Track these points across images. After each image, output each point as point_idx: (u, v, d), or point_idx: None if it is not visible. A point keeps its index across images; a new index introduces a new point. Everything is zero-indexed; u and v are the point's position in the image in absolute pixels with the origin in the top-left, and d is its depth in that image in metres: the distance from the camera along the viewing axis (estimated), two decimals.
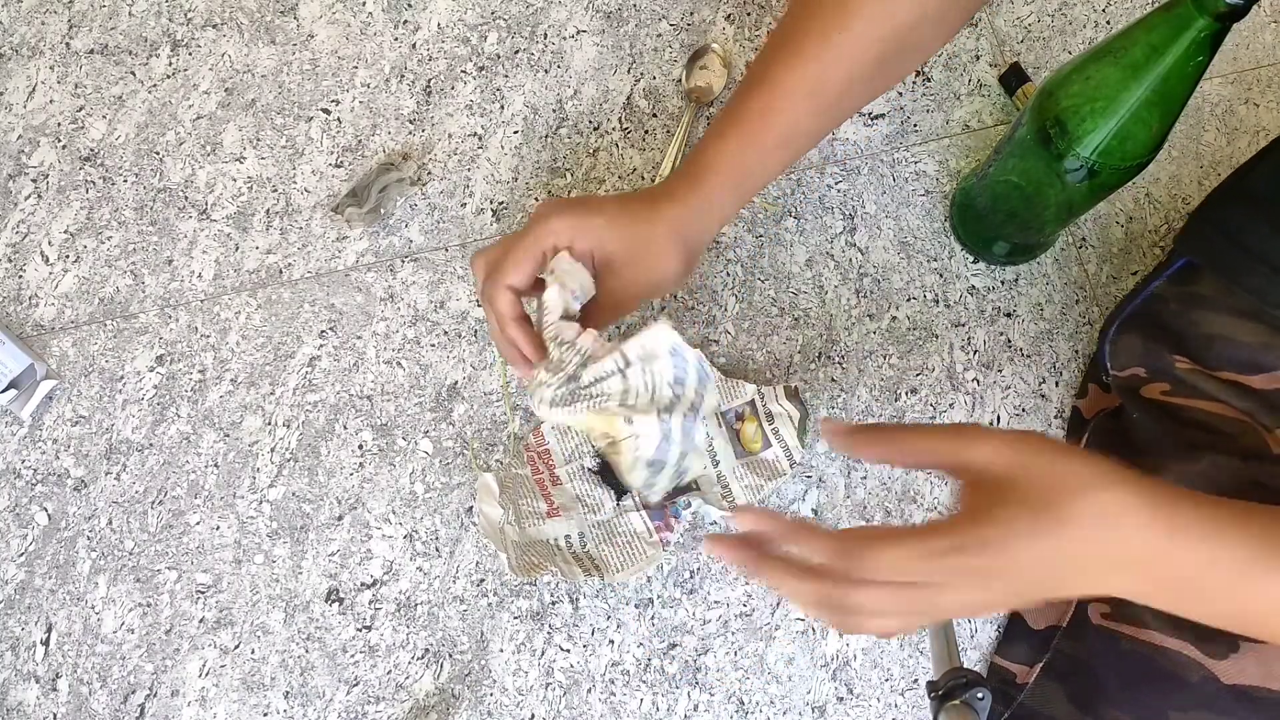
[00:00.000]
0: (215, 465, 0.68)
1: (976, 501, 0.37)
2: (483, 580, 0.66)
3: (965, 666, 0.52)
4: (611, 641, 0.65)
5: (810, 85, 0.51)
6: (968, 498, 0.38)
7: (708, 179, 0.52)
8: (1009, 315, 0.69)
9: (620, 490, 0.65)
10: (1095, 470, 0.36)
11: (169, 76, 0.75)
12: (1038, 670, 0.59)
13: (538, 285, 0.51)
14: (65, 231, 0.73)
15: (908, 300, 0.69)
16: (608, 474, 0.65)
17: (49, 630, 0.66)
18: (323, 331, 0.70)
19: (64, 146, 0.74)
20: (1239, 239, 0.51)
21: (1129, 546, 0.36)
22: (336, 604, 0.66)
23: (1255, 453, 0.49)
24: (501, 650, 0.65)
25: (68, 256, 0.72)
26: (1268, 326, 0.50)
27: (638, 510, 0.64)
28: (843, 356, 0.68)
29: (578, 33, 0.75)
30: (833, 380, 0.68)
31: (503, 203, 0.72)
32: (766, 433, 0.65)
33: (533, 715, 0.64)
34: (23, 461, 0.69)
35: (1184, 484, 0.42)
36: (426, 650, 0.65)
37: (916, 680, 0.64)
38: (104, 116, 0.75)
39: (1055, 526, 0.36)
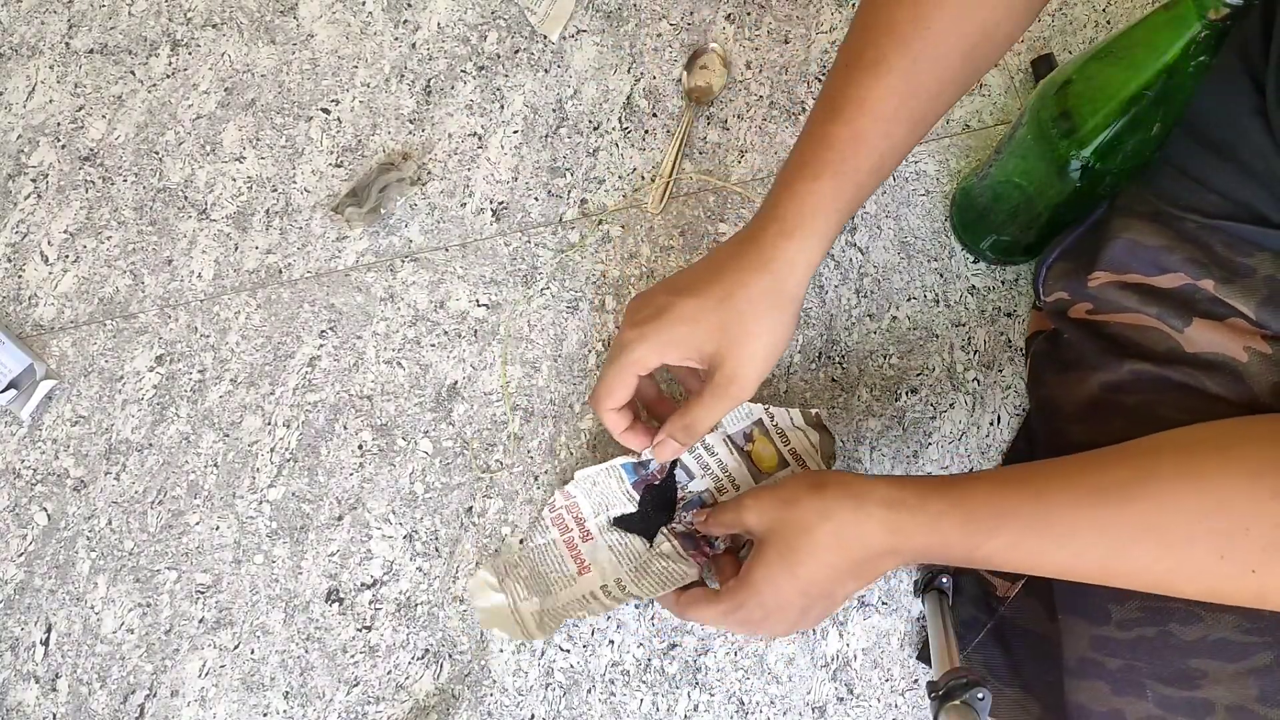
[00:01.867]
0: (215, 465, 0.68)
1: (748, 563, 0.51)
2: None
3: (965, 666, 0.52)
4: (611, 642, 0.65)
5: (900, 99, 0.48)
6: (748, 559, 0.51)
7: (802, 230, 0.49)
8: (1009, 315, 0.69)
9: (650, 533, 0.62)
10: (821, 507, 0.48)
11: (169, 76, 0.75)
12: (1019, 586, 0.60)
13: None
14: (65, 231, 0.73)
15: (908, 300, 0.69)
16: (635, 521, 0.62)
17: (48, 630, 0.66)
18: (323, 331, 0.70)
19: (63, 146, 0.74)
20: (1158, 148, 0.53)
21: (869, 551, 0.48)
22: (336, 604, 0.66)
23: (1171, 356, 0.51)
24: (501, 650, 0.65)
25: (67, 256, 0.72)
26: (1171, 230, 0.52)
27: (669, 541, 0.61)
28: (843, 356, 0.68)
29: (578, 32, 0.75)
30: (833, 380, 0.68)
31: (503, 202, 0.72)
32: (783, 453, 0.62)
33: (533, 715, 0.64)
34: (22, 461, 0.69)
35: (1111, 391, 0.52)
36: (426, 650, 0.65)
37: (917, 680, 0.64)
38: (103, 116, 0.75)
39: (797, 568, 0.49)
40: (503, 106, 0.74)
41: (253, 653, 0.65)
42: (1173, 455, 0.44)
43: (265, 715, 0.64)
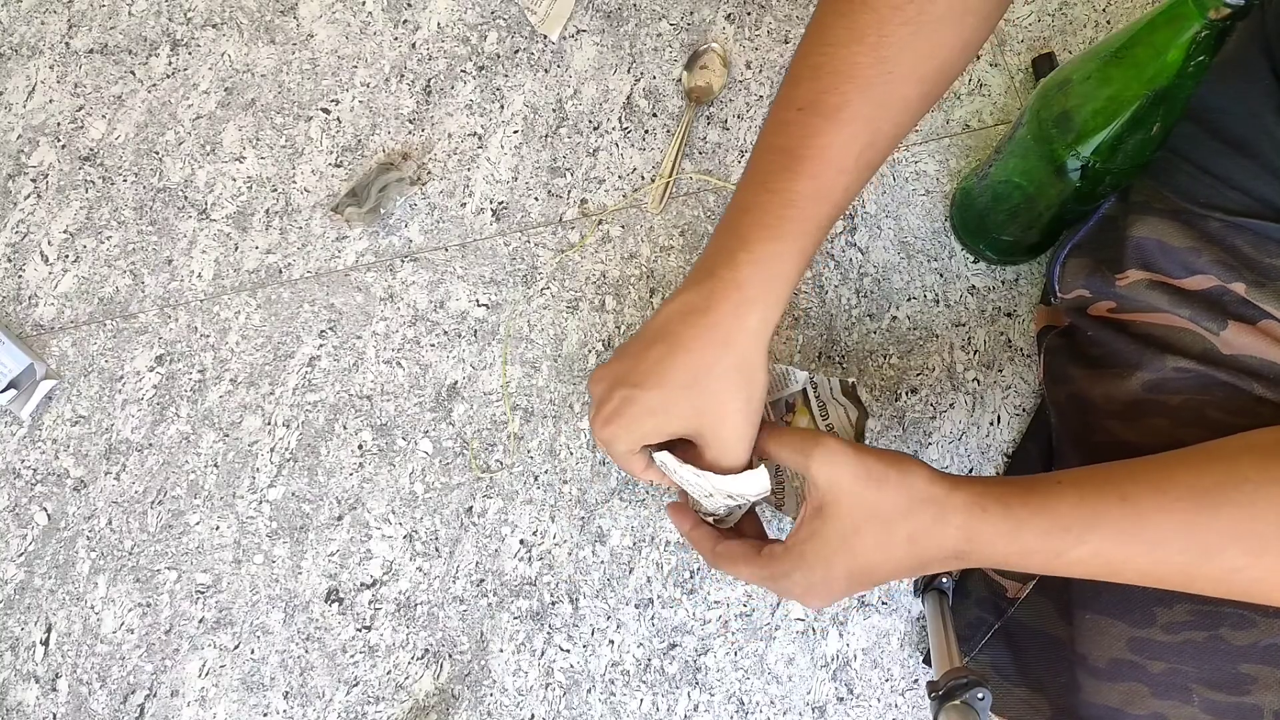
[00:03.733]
0: (215, 465, 0.68)
1: (800, 533, 0.47)
2: (483, 580, 0.66)
3: (965, 666, 0.52)
4: (611, 642, 0.65)
5: (861, 147, 0.46)
6: (802, 519, 0.47)
7: (766, 298, 0.46)
8: (1009, 315, 0.69)
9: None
10: (906, 502, 0.45)
11: (169, 76, 0.75)
12: (1030, 587, 0.59)
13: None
14: (65, 231, 0.73)
15: (908, 300, 0.69)
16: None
17: (49, 630, 0.66)
18: (322, 331, 0.70)
19: (63, 146, 0.74)
20: (1168, 144, 0.53)
21: (941, 553, 0.45)
22: (336, 604, 0.66)
23: (1208, 357, 0.50)
24: (501, 650, 0.65)
25: (67, 256, 0.72)
26: (1195, 230, 0.51)
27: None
28: (843, 356, 0.68)
29: (578, 32, 0.75)
30: None
31: (503, 202, 0.72)
32: (820, 426, 0.57)
33: (533, 715, 0.64)
34: (22, 461, 0.69)
35: (1153, 390, 0.50)
36: (426, 650, 0.65)
37: (917, 680, 0.64)
38: (103, 116, 0.75)
39: (859, 555, 0.45)
40: (503, 106, 0.74)
41: (253, 653, 0.65)
42: (1260, 459, 0.42)
43: (265, 715, 0.64)
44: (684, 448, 0.50)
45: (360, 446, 0.68)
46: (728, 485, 0.48)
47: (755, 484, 0.47)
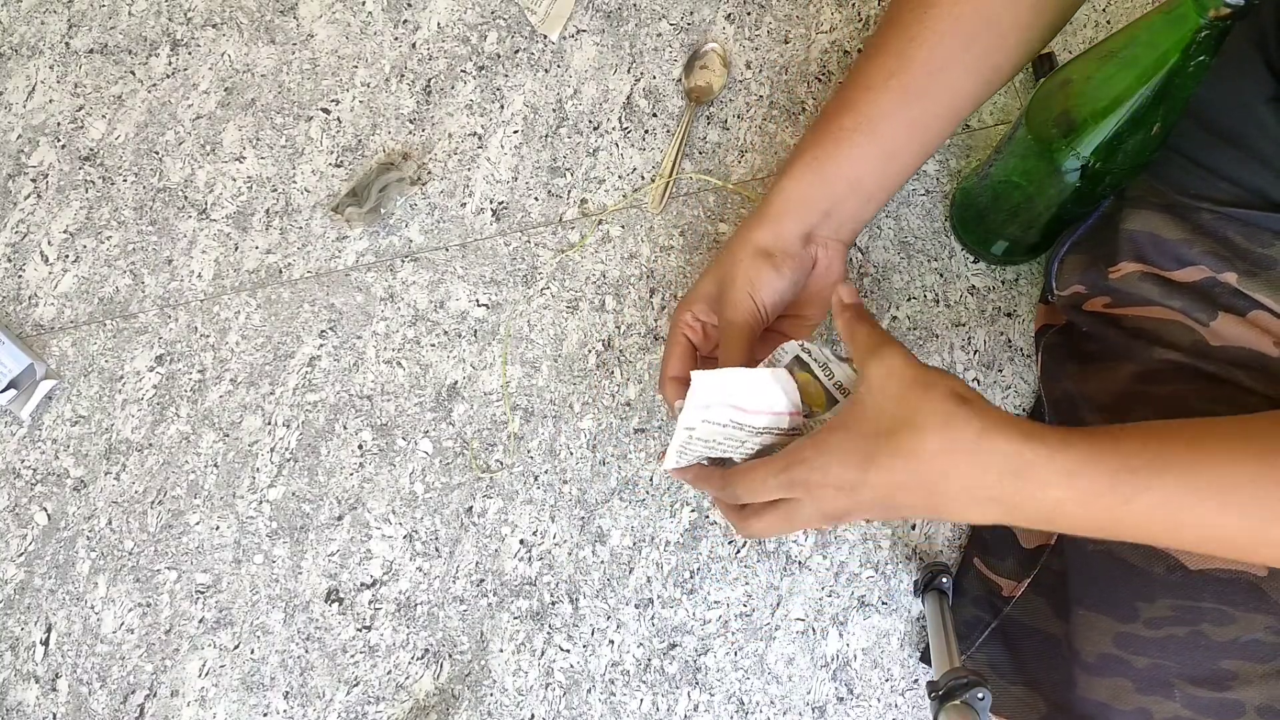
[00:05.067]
0: (215, 465, 0.68)
1: (829, 425, 0.44)
2: (483, 580, 0.66)
3: (965, 666, 0.52)
4: (611, 642, 0.65)
5: (890, 72, 0.53)
6: (832, 419, 0.45)
7: (781, 173, 0.56)
8: (1009, 315, 0.69)
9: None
10: (950, 431, 0.40)
11: (169, 76, 0.75)
12: (1025, 585, 0.60)
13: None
14: (65, 231, 0.73)
15: (908, 300, 0.69)
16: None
17: (49, 630, 0.66)
18: (322, 331, 0.70)
19: (63, 146, 0.74)
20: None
21: (976, 490, 0.40)
22: (336, 604, 0.66)
23: (1197, 349, 0.51)
24: (501, 650, 0.65)
25: (67, 256, 0.72)
26: (1188, 223, 0.52)
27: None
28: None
29: (578, 32, 0.75)
30: None
31: (503, 202, 0.72)
32: (828, 387, 0.53)
33: (533, 715, 0.64)
34: (22, 461, 0.69)
35: (1142, 382, 0.51)
36: (426, 650, 0.65)
37: (917, 680, 0.64)
38: (103, 116, 0.75)
39: (881, 460, 0.41)
40: (503, 106, 0.74)
41: (253, 653, 0.65)
42: None
43: (265, 715, 0.64)
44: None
45: (360, 446, 0.68)
46: (752, 400, 0.48)
47: (775, 386, 0.49)
